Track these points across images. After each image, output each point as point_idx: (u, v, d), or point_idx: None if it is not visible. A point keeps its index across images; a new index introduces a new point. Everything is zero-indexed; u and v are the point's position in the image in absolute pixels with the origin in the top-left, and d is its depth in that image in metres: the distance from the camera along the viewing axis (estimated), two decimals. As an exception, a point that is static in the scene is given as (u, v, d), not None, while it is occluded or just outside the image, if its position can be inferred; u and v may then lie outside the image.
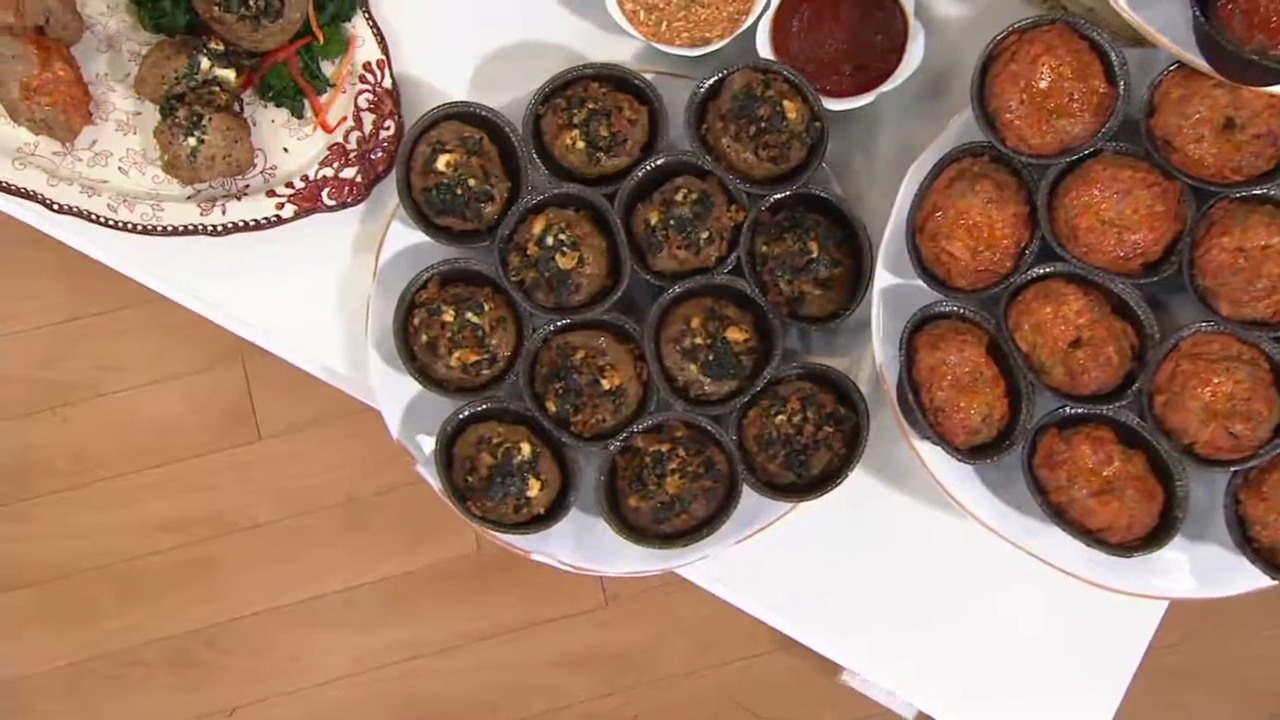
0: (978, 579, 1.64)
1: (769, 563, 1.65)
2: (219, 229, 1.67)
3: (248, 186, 1.70)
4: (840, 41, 1.63)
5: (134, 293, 2.96)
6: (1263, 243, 1.42)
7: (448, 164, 1.57)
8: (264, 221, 1.67)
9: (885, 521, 1.66)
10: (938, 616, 1.65)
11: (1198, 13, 1.32)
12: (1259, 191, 1.45)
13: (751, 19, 1.64)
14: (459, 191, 1.57)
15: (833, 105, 1.60)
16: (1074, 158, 1.47)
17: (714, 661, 2.93)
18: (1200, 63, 1.42)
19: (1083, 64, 1.47)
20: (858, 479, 1.58)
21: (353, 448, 2.99)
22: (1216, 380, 1.42)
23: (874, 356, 1.53)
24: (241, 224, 1.67)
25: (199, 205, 1.68)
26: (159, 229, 1.68)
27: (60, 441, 2.99)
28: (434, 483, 1.60)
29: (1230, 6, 1.32)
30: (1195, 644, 2.85)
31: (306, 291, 1.72)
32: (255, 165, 1.70)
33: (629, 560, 1.58)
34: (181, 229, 1.68)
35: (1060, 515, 1.43)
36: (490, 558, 2.96)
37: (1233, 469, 1.43)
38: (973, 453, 1.46)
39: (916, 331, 1.47)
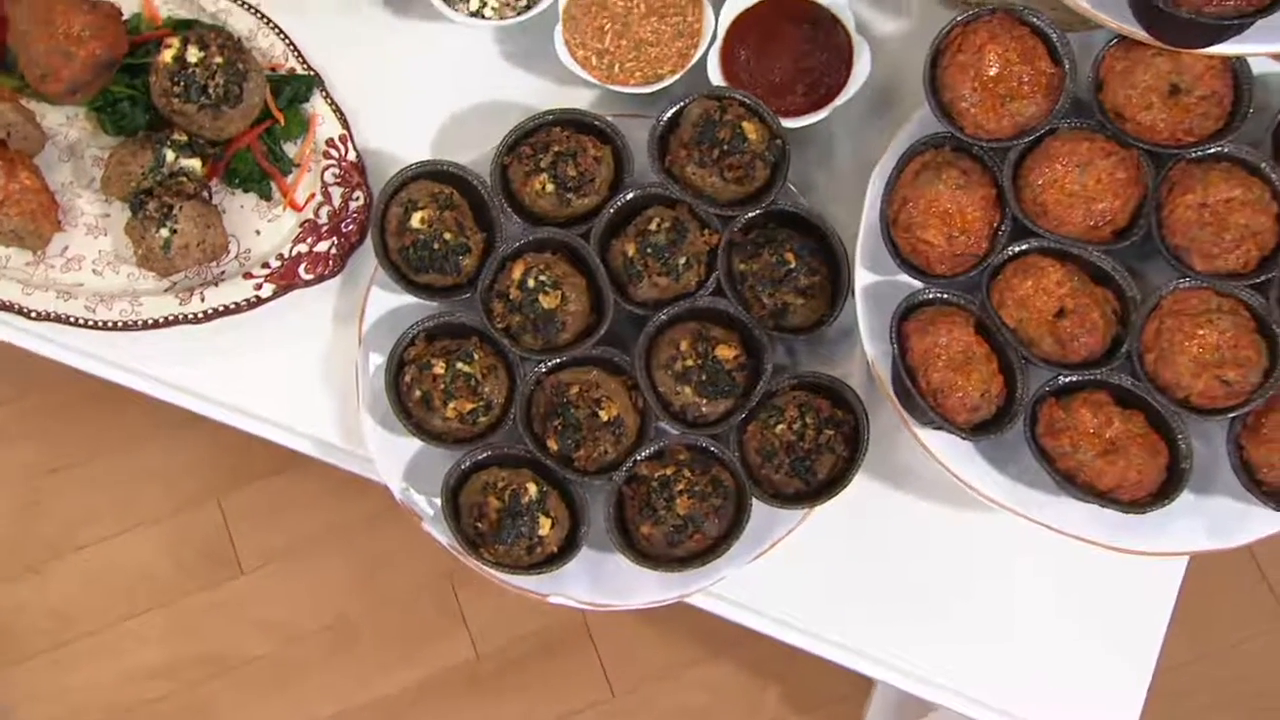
0: (991, 568, 1.64)
1: (779, 583, 1.63)
2: (199, 316, 1.67)
3: (223, 272, 1.71)
4: (788, 64, 1.68)
5: (97, 443, 3.00)
6: (1225, 196, 1.47)
7: (422, 220, 1.59)
8: (244, 304, 1.68)
9: (890, 525, 1.66)
10: (956, 611, 1.63)
11: (1132, -21, 1.39)
12: (1213, 150, 1.50)
13: (700, 52, 1.68)
14: (436, 246, 1.59)
15: (789, 124, 1.64)
16: (1032, 138, 1.51)
17: (722, 740, 2.90)
18: (1139, 32, 1.48)
19: (1027, 48, 1.52)
20: (859, 486, 1.57)
21: (336, 568, 2.97)
22: (1201, 332, 1.44)
23: (864, 355, 1.55)
24: (222, 308, 1.68)
25: (177, 296, 1.68)
26: (139, 323, 1.68)
27: (40, 601, 2.95)
28: (442, 539, 1.58)
29: (1162, -30, 1.38)
30: (1202, 664, 2.85)
31: (292, 370, 1.71)
32: (229, 251, 1.71)
33: (647, 590, 1.57)
34: (162, 320, 1.67)
35: (1070, 480, 1.44)
36: (488, 665, 2.92)
37: (1231, 416, 1.45)
38: (976, 430, 1.47)
39: (904, 319, 1.49)
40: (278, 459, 2.92)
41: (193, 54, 1.66)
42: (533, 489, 1.54)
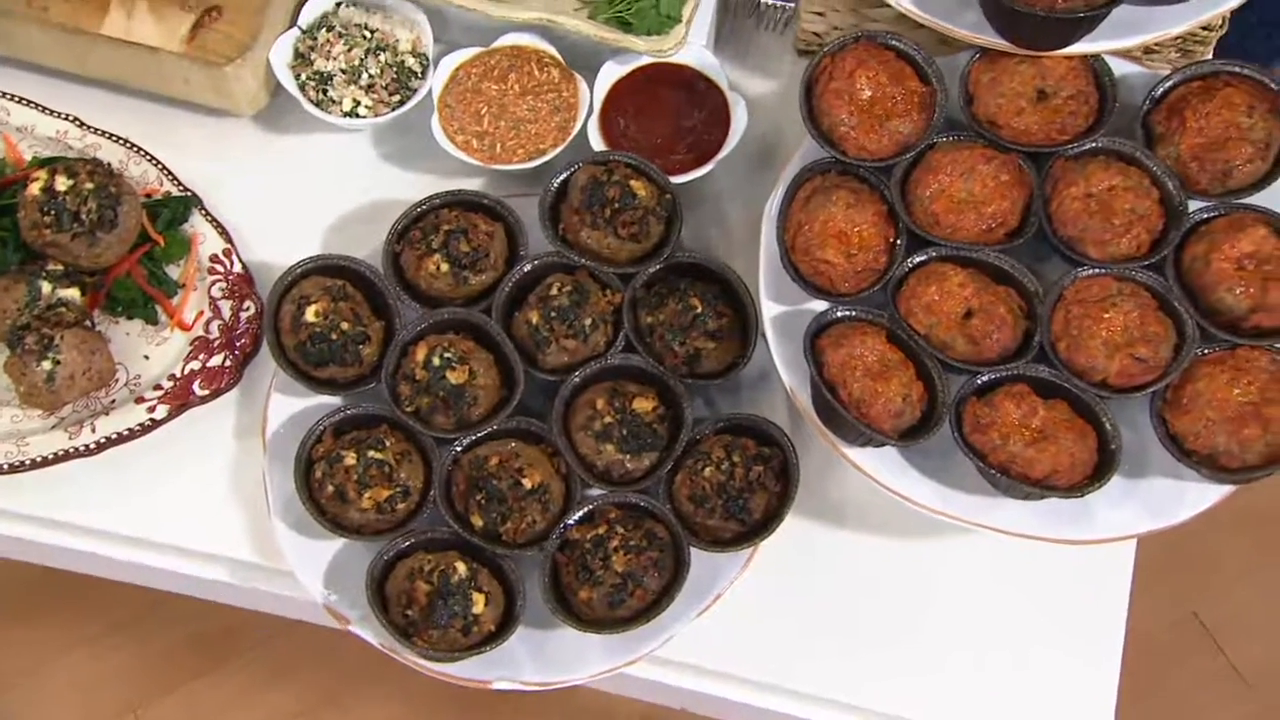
0: (938, 593, 1.59)
1: (726, 639, 1.56)
2: (91, 447, 1.60)
3: (113, 400, 1.64)
4: (668, 126, 1.70)
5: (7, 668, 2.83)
6: (1107, 184, 1.50)
7: (316, 313, 1.55)
8: (138, 428, 1.60)
9: (831, 565, 1.60)
10: (909, 640, 1.58)
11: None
12: (1089, 145, 1.54)
13: (579, 124, 1.70)
14: (334, 337, 1.55)
15: (676, 180, 1.65)
16: (914, 153, 1.54)
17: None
18: (998, 41, 1.53)
19: (894, 70, 1.56)
20: (796, 531, 1.55)
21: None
22: (1108, 315, 1.46)
23: (784, 393, 1.53)
24: (115, 436, 1.60)
25: (66, 430, 1.61)
26: (26, 464, 1.59)
27: None
28: (373, 639, 1.50)
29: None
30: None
31: (196, 492, 1.63)
32: (118, 379, 1.65)
33: (595, 660, 1.49)
34: (51, 457, 1.59)
35: (1005, 474, 1.42)
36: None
37: (1150, 391, 1.45)
38: (904, 437, 1.45)
39: (817, 337, 1.48)
40: (198, 661, 2.80)
41: (61, 182, 1.62)
42: (461, 568, 1.47)
